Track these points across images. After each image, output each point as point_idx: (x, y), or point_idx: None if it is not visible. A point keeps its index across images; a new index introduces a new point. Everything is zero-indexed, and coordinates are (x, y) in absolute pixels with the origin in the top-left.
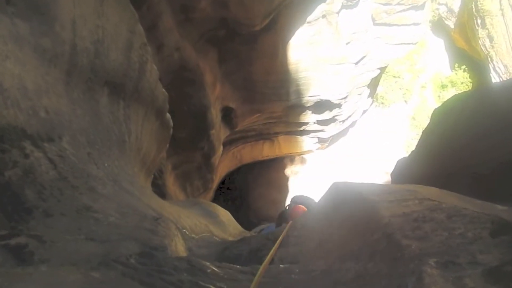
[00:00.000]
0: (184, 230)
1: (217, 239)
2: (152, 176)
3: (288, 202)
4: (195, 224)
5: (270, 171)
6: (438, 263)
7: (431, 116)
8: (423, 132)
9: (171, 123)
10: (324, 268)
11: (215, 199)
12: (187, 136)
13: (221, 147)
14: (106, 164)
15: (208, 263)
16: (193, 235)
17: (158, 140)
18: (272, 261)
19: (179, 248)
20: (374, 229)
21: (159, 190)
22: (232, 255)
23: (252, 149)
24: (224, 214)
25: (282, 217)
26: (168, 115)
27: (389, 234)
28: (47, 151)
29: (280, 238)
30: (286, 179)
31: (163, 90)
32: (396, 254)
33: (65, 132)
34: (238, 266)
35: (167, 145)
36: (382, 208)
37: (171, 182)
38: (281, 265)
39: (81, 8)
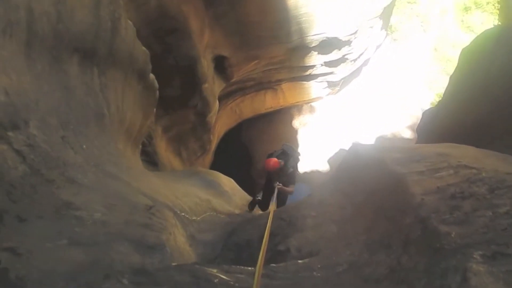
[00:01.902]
0: (183, 214)
1: (221, 216)
2: (141, 146)
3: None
4: (195, 203)
5: (276, 124)
6: (484, 256)
7: (459, 58)
8: (451, 77)
9: (156, 85)
10: (351, 260)
11: (215, 162)
12: (177, 93)
13: (217, 102)
14: (84, 146)
15: (214, 271)
16: (194, 217)
17: (143, 106)
18: (283, 252)
19: (179, 239)
20: (405, 210)
21: (150, 158)
22: (242, 241)
23: (252, 101)
24: (227, 183)
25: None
26: (151, 76)
27: (423, 218)
28: (13, 142)
29: (267, 232)
30: (294, 131)
31: (143, 48)
32: (434, 244)
33: (31, 116)
34: (249, 268)
35: (154, 110)
36: (412, 182)
37: (163, 148)
38: (299, 261)
39: None
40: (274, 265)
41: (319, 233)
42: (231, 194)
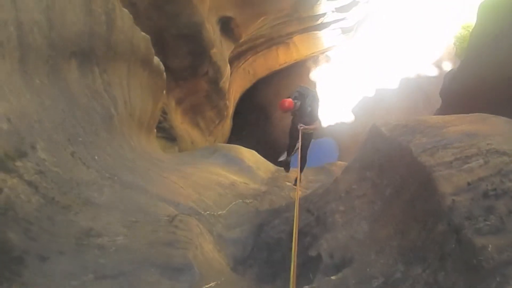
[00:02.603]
0: (208, 212)
1: (248, 203)
2: (155, 129)
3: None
4: (219, 194)
5: (293, 79)
6: None
7: (478, 14)
8: (471, 35)
9: (162, 67)
10: (385, 272)
11: (234, 126)
12: (185, 63)
13: (228, 66)
14: (96, 157)
15: None
16: (220, 212)
17: (152, 91)
18: (314, 259)
19: (206, 248)
20: (436, 214)
21: (167, 134)
22: (271, 240)
23: (265, 59)
24: (250, 157)
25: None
26: (156, 59)
27: (456, 227)
28: (23, 173)
29: (295, 230)
30: (313, 85)
31: (143, 34)
32: (471, 261)
33: (37, 138)
34: None
35: (164, 91)
36: (441, 179)
37: (179, 121)
38: (333, 277)
39: None
40: (307, 287)
41: (349, 233)
42: (255, 168)
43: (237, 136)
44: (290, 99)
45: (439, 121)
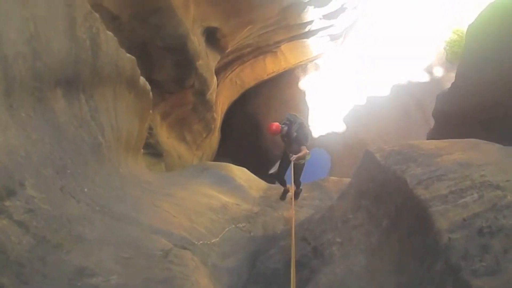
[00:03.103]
0: (201, 242)
1: (241, 227)
2: (142, 148)
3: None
4: (211, 220)
5: (282, 88)
6: None
7: (466, 36)
8: (461, 57)
9: (148, 87)
10: None
11: (222, 138)
12: (171, 76)
13: (214, 77)
14: (85, 189)
15: None
16: (213, 240)
17: (139, 112)
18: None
19: (203, 283)
20: (434, 252)
21: (153, 150)
22: (267, 270)
23: (252, 69)
24: (240, 175)
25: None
26: (142, 79)
27: (453, 267)
28: (12, 213)
29: (293, 257)
30: (302, 93)
31: (128, 55)
32: None
33: (26, 174)
34: None
35: (150, 110)
36: (437, 214)
37: (165, 136)
38: None
39: None
40: None
41: (347, 266)
42: (246, 187)
43: (225, 149)
44: (277, 123)
45: (432, 148)
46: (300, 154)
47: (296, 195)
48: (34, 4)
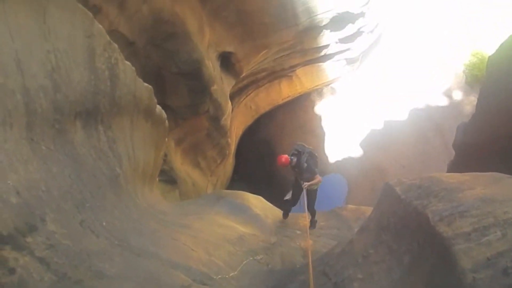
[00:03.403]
0: (219, 276)
1: (259, 259)
2: (157, 176)
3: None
4: (229, 252)
5: (297, 113)
6: None
7: (487, 67)
8: (481, 88)
9: (165, 115)
10: None
11: (237, 164)
12: (185, 102)
13: (229, 102)
14: (104, 223)
15: None
16: (232, 273)
17: (155, 141)
18: None
19: None
20: None
21: (167, 177)
22: None
23: (268, 93)
24: (257, 203)
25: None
26: (158, 108)
27: None
28: (34, 249)
29: None
30: (318, 118)
31: (145, 84)
32: None
33: (46, 209)
34: None
35: (166, 138)
36: (460, 253)
37: (179, 162)
38: None
39: (22, 37)
40: None
41: None
42: (262, 216)
43: (240, 175)
44: (286, 156)
45: (454, 182)
46: (313, 182)
47: (312, 224)
48: (56, 37)
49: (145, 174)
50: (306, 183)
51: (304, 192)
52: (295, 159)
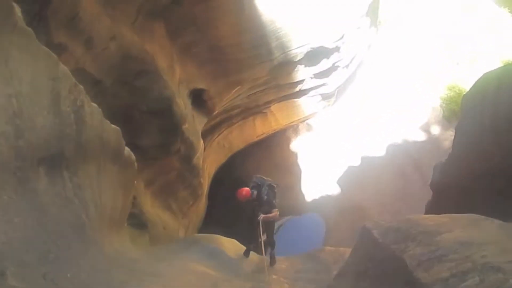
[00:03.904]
0: None
1: None
2: (125, 221)
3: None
4: None
5: (273, 150)
6: None
7: (462, 105)
8: (457, 126)
9: (133, 157)
10: None
11: (211, 205)
12: (155, 141)
13: (201, 141)
14: (69, 275)
15: None
16: None
17: (123, 185)
18: None
19: None
20: None
21: (137, 220)
22: None
23: (241, 131)
24: (231, 247)
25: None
26: (126, 150)
27: None
28: None
29: None
30: (294, 155)
31: (113, 126)
32: None
33: (7, 263)
34: None
35: (135, 181)
36: None
37: (149, 205)
38: None
39: None
40: None
41: None
42: (237, 261)
43: (214, 216)
44: (247, 188)
45: (431, 224)
46: (270, 215)
47: (272, 259)
48: (18, 81)
49: (112, 220)
50: (263, 215)
51: (261, 224)
52: (255, 192)
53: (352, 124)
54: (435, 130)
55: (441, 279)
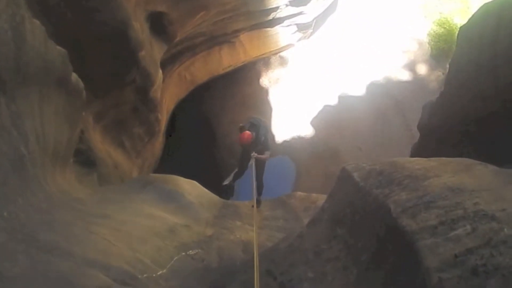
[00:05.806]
0: (145, 275)
1: (192, 255)
2: (71, 158)
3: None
4: (157, 248)
5: (240, 85)
6: None
7: (458, 39)
8: (451, 62)
9: (82, 85)
10: None
11: (168, 145)
12: (108, 71)
13: (160, 71)
14: (5, 214)
15: None
16: (160, 271)
17: (69, 116)
18: None
19: None
20: None
21: (84, 157)
22: None
23: (205, 62)
24: (190, 190)
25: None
26: (74, 76)
27: None
28: None
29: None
30: (265, 91)
31: (58, 48)
32: None
33: None
34: None
35: (83, 113)
36: (426, 250)
37: (98, 140)
38: None
39: None
40: None
41: None
42: (197, 204)
43: (171, 156)
44: (248, 132)
45: (419, 168)
46: (262, 157)
47: (258, 202)
48: None
49: (56, 155)
50: (256, 154)
51: (253, 161)
52: (254, 134)
53: (329, 59)
54: (421, 69)
55: (428, 227)
